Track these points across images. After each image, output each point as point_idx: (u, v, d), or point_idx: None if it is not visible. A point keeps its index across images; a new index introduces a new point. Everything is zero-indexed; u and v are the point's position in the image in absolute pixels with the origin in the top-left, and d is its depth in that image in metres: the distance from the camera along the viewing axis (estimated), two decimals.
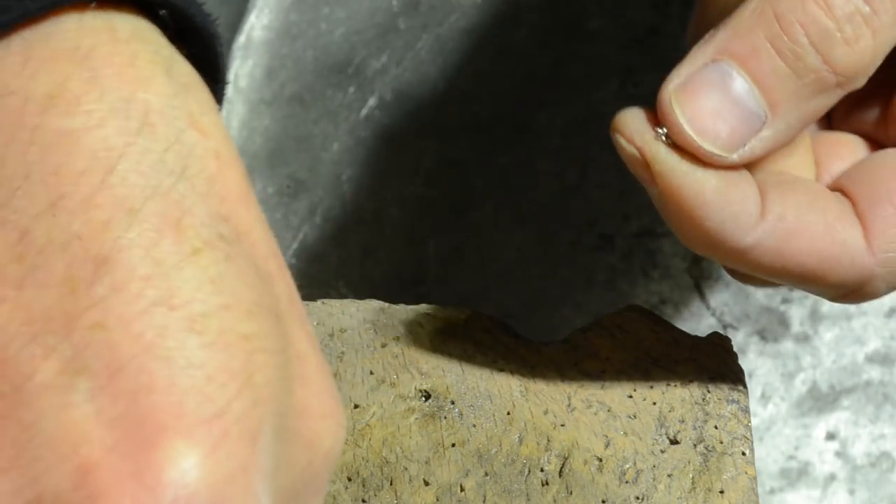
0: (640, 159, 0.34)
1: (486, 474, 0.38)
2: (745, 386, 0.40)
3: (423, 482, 0.38)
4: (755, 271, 0.35)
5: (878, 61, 0.34)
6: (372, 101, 0.63)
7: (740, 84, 0.33)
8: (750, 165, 0.35)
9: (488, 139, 0.65)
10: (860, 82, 0.34)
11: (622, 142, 0.34)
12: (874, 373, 0.61)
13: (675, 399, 0.39)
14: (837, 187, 0.36)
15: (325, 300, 0.42)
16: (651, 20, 0.63)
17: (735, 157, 0.34)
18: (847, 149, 0.38)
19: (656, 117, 0.34)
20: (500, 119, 0.64)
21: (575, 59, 0.40)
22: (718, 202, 0.33)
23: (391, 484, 0.38)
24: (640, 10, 0.63)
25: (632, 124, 0.34)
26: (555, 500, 0.38)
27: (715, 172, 0.34)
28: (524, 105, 0.63)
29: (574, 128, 0.65)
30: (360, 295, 0.43)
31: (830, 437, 0.60)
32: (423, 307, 0.42)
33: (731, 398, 0.39)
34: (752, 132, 0.34)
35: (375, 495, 0.38)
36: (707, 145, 0.33)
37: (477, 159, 0.65)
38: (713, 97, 0.33)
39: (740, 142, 0.34)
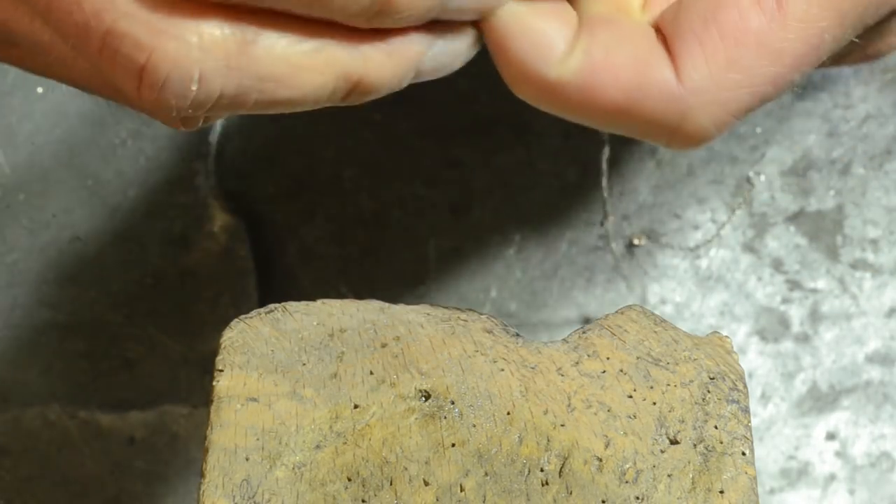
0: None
1: (486, 474, 0.38)
2: (745, 386, 0.40)
3: (423, 482, 0.38)
4: (568, 111, 0.36)
5: None
6: (372, 101, 0.63)
7: None
8: (578, 5, 0.36)
9: (488, 139, 0.65)
10: None
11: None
12: (874, 373, 0.61)
13: (675, 399, 0.39)
14: (655, 27, 0.37)
15: (325, 300, 0.42)
16: None
17: None
18: None
19: None
20: (500, 119, 0.64)
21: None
22: (520, 32, 0.35)
23: (391, 484, 0.38)
24: None
25: None
26: (555, 500, 0.38)
27: (524, 7, 0.35)
28: (524, 105, 0.63)
29: (574, 128, 0.65)
30: (360, 295, 0.43)
31: (830, 437, 0.60)
32: (423, 307, 0.42)
33: (731, 398, 0.39)
34: None
35: (375, 495, 0.38)
36: None
37: (477, 159, 0.65)
38: None
39: None
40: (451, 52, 0.37)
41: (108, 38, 0.34)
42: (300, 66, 0.35)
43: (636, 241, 0.63)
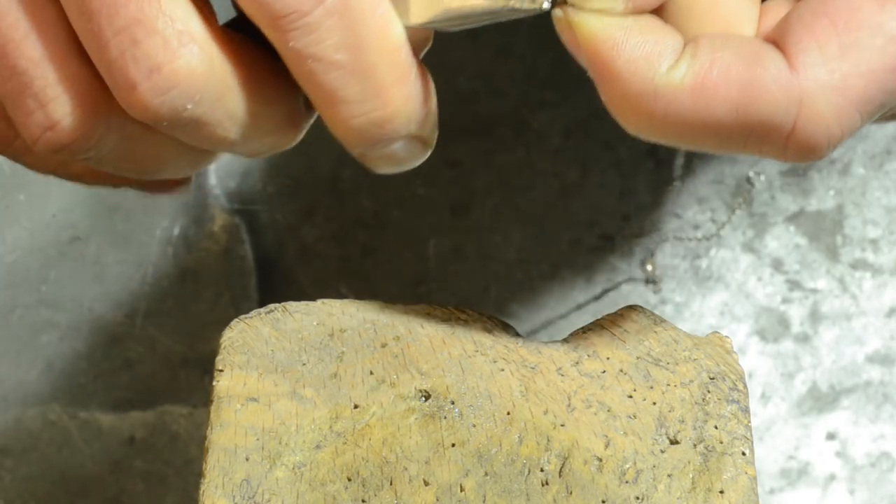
0: (565, 21, 0.35)
1: (486, 474, 0.38)
2: (745, 386, 0.40)
3: (423, 482, 0.38)
4: (680, 126, 0.34)
5: None
6: None
7: None
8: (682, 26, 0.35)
9: (488, 139, 0.65)
10: None
11: (557, 14, 0.35)
12: (874, 373, 0.61)
13: (675, 399, 0.39)
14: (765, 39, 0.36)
15: (325, 300, 0.42)
16: None
17: (622, 5, 0.34)
18: (782, 11, 0.37)
19: None
20: (500, 119, 0.64)
21: (575, 58, 0.41)
22: (628, 47, 0.34)
23: (391, 484, 0.38)
24: None
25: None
26: (555, 500, 0.38)
27: (627, 18, 0.34)
28: (524, 105, 0.63)
29: (574, 128, 0.65)
30: (360, 295, 0.43)
31: (830, 437, 0.60)
32: (423, 307, 0.42)
33: (731, 398, 0.39)
34: None
35: (375, 495, 0.38)
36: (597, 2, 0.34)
37: (477, 159, 0.65)
38: None
39: None
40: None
41: (136, 27, 0.34)
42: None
43: (636, 241, 0.63)
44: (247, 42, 0.36)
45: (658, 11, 0.35)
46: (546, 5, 0.35)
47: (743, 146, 0.35)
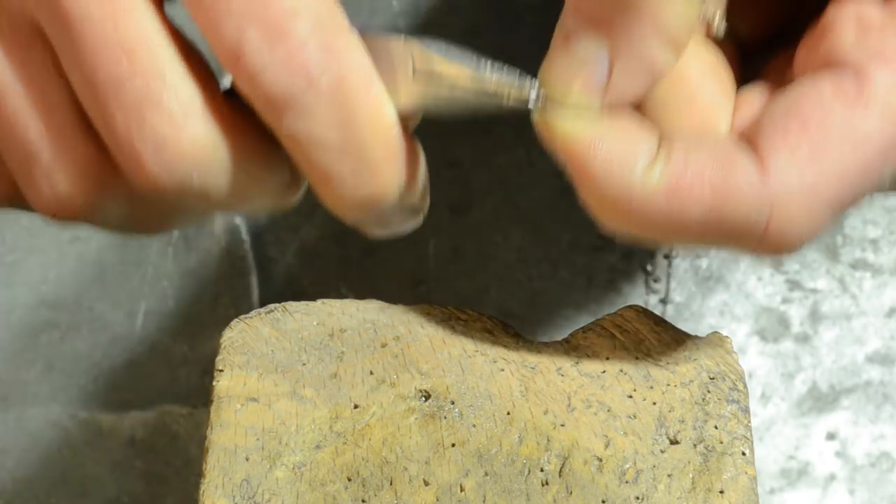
0: (542, 122, 0.35)
1: (486, 474, 0.38)
2: (745, 386, 0.40)
3: (423, 482, 0.38)
4: (655, 225, 0.35)
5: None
6: None
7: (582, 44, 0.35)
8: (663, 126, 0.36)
9: (488, 139, 0.65)
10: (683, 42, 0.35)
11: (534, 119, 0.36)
12: (874, 373, 0.61)
13: (675, 399, 0.39)
14: (739, 136, 0.37)
15: (325, 300, 0.42)
16: None
17: (597, 103, 0.35)
18: (756, 105, 0.38)
19: None
20: (500, 119, 0.64)
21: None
22: (604, 140, 0.35)
23: (391, 484, 0.38)
24: None
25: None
26: (555, 500, 0.38)
27: (603, 118, 0.35)
28: None
29: None
30: (360, 295, 0.43)
31: (830, 437, 0.60)
32: (423, 307, 0.42)
33: (731, 398, 0.39)
34: (600, 80, 0.35)
35: (375, 495, 0.38)
36: (576, 98, 0.35)
37: (477, 159, 0.65)
38: (562, 58, 0.36)
39: (597, 91, 0.35)
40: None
41: (143, 103, 0.35)
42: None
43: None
44: (246, 110, 0.36)
45: (635, 104, 0.36)
46: (531, 103, 0.35)
47: (717, 244, 0.36)
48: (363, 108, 0.35)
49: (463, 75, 0.36)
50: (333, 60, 0.34)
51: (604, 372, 0.40)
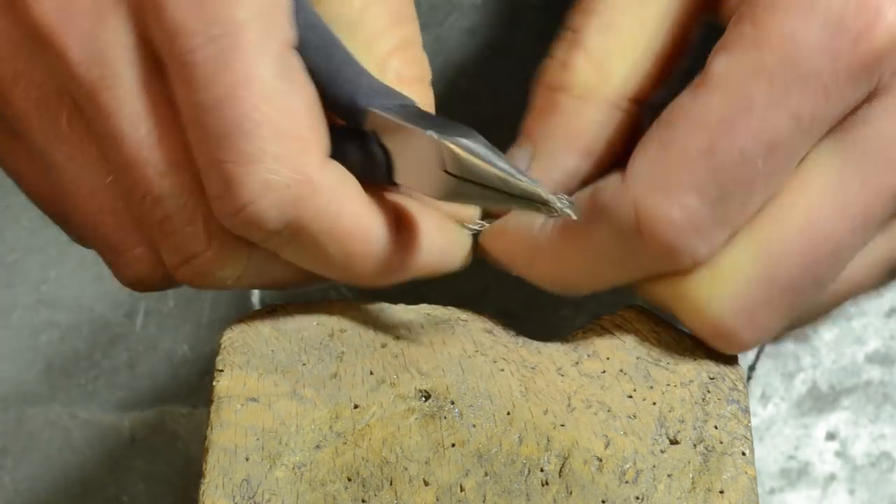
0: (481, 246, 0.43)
1: (486, 474, 0.38)
2: (745, 386, 0.40)
3: (423, 482, 0.38)
4: (561, 257, 0.40)
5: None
6: None
7: None
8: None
9: (488, 139, 0.65)
10: None
11: None
12: (874, 373, 0.61)
13: (675, 399, 0.39)
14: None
15: (325, 300, 0.42)
16: None
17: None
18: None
19: None
20: (500, 119, 0.64)
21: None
22: (507, 223, 0.41)
23: (391, 484, 0.38)
24: None
25: None
26: (555, 500, 0.38)
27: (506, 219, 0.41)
28: (524, 105, 0.63)
29: None
30: (361, 295, 0.43)
31: (830, 437, 0.60)
32: (423, 307, 0.42)
33: (731, 398, 0.40)
34: None
35: (375, 495, 0.38)
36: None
37: None
38: None
39: None
40: None
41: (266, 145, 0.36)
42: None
43: None
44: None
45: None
46: (559, 210, 0.37)
47: (625, 259, 0.39)
48: (335, 242, 0.38)
49: (493, 180, 0.37)
50: (296, 206, 0.37)
51: (604, 372, 0.40)
